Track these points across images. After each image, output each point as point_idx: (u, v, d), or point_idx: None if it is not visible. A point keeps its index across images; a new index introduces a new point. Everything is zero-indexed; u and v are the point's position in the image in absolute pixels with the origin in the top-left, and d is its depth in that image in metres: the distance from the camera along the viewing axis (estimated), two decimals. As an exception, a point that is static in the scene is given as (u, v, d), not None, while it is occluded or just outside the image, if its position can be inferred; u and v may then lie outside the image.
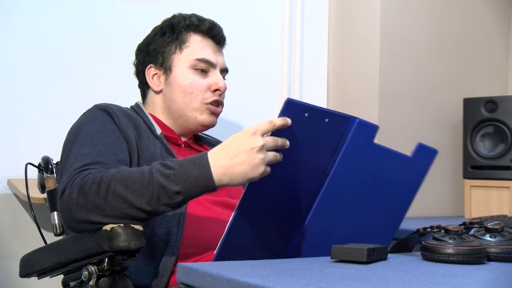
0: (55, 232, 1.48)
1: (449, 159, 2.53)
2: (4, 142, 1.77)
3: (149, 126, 1.49)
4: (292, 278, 0.90)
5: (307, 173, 1.19)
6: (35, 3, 1.84)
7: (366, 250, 1.05)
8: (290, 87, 2.33)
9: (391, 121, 2.34)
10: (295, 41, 2.35)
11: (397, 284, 0.87)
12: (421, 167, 1.29)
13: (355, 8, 2.41)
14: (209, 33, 1.57)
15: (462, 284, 0.89)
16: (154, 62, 1.56)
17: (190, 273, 0.98)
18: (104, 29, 1.94)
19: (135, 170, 1.19)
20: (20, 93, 1.81)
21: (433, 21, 2.51)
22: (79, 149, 1.31)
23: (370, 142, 1.22)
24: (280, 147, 1.13)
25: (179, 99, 1.53)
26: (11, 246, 1.76)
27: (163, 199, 1.15)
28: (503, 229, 1.16)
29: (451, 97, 2.53)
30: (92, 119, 1.41)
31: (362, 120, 1.20)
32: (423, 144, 1.29)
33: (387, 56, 2.35)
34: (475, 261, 1.07)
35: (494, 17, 2.72)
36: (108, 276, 1.21)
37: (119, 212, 1.16)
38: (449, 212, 2.53)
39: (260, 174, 1.12)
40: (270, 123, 1.12)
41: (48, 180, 1.52)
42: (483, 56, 2.68)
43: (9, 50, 1.80)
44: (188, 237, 1.37)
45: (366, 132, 1.21)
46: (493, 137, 2.34)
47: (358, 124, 1.19)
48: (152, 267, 1.34)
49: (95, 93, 1.80)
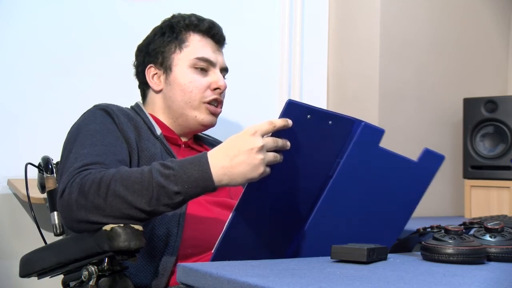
0: (55, 232, 1.48)
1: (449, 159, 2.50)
2: (4, 142, 1.77)
3: (149, 127, 1.49)
4: (292, 278, 0.90)
5: (309, 174, 1.18)
6: (35, 3, 1.84)
7: (366, 250, 1.05)
8: (290, 87, 2.33)
9: (391, 121, 2.34)
10: (295, 41, 2.35)
11: (397, 284, 0.87)
12: (426, 173, 1.27)
13: (355, 8, 2.41)
14: (209, 32, 1.57)
15: (462, 284, 0.89)
16: (154, 62, 1.57)
17: (190, 273, 0.98)
18: (104, 29, 1.94)
19: (135, 170, 1.19)
20: (20, 93, 1.81)
21: (433, 21, 2.51)
22: (79, 149, 1.31)
23: (376, 146, 1.20)
24: (280, 148, 1.13)
25: (179, 98, 1.53)
26: (11, 246, 1.76)
27: (163, 199, 1.15)
28: (503, 229, 1.16)
29: (451, 97, 2.53)
30: (92, 119, 1.41)
31: (367, 123, 1.18)
32: (430, 150, 1.26)
33: (387, 56, 2.35)
34: (475, 261, 1.07)
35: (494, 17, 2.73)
36: (108, 276, 1.21)
37: (119, 212, 1.16)
38: (449, 212, 2.53)
39: (260, 174, 1.12)
40: (270, 123, 1.11)
41: (48, 180, 1.52)
42: (483, 56, 2.68)
43: (9, 50, 1.80)
44: (188, 238, 1.37)
45: (371, 135, 1.19)
46: (493, 137, 2.34)
47: (364, 127, 1.18)
48: (152, 267, 1.34)
49: (95, 93, 1.80)
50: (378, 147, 1.21)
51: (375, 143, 1.20)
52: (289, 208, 1.20)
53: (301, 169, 1.17)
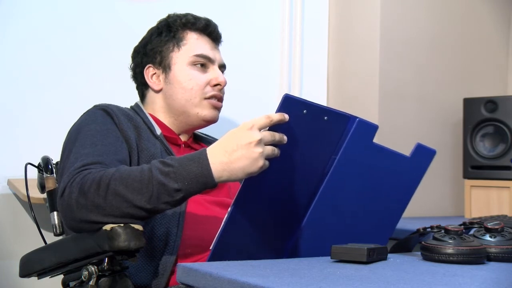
0: (55, 232, 1.48)
1: (449, 159, 2.52)
2: (4, 142, 1.77)
3: (148, 127, 1.49)
4: (292, 278, 0.90)
5: (305, 171, 1.19)
6: (35, 3, 1.84)
7: (366, 250, 1.05)
8: (290, 87, 2.33)
9: (391, 121, 2.34)
10: (295, 41, 2.35)
11: (397, 284, 0.87)
12: (419, 167, 1.29)
13: (355, 8, 2.41)
14: (205, 30, 1.58)
15: (462, 284, 0.89)
16: (153, 62, 1.57)
17: (190, 273, 0.98)
18: (104, 29, 1.94)
19: (134, 169, 1.19)
20: (20, 93, 1.81)
21: (433, 21, 2.50)
22: (79, 149, 1.31)
23: (370, 142, 1.22)
24: (277, 142, 1.13)
25: (179, 96, 1.53)
26: (11, 246, 1.76)
27: (163, 197, 1.15)
28: (503, 229, 1.16)
29: (451, 97, 2.53)
30: (92, 119, 1.41)
31: (361, 119, 1.19)
32: (422, 144, 1.28)
33: (387, 56, 2.35)
34: (475, 261, 1.07)
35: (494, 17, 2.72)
36: (108, 276, 1.21)
37: (119, 211, 1.16)
38: (449, 212, 2.53)
39: (259, 168, 1.12)
40: (267, 118, 1.12)
41: (48, 180, 1.52)
42: (483, 56, 2.68)
43: (9, 50, 1.80)
44: (188, 237, 1.37)
45: (365, 131, 1.20)
46: (493, 137, 2.34)
47: (358, 123, 1.19)
48: (152, 267, 1.34)
49: (95, 93, 1.80)
50: (372, 143, 1.22)
51: (369, 139, 1.21)
52: (286, 205, 1.21)
53: (298, 165, 1.18)
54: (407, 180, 1.29)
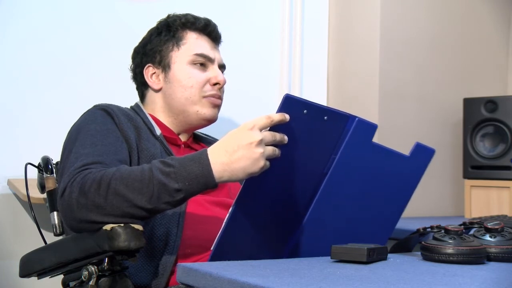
0: (55, 232, 1.48)
1: (449, 159, 2.52)
2: (4, 142, 1.77)
3: (148, 127, 1.49)
4: (292, 278, 0.90)
5: (305, 171, 1.19)
6: (35, 3, 1.84)
7: (366, 250, 1.05)
8: (290, 87, 2.33)
9: (391, 121, 2.34)
10: (295, 41, 2.35)
11: (397, 284, 0.87)
12: (418, 167, 1.29)
13: (355, 8, 2.41)
14: (205, 30, 1.58)
15: (462, 284, 0.89)
16: (152, 61, 1.57)
17: (190, 273, 0.98)
18: (104, 29, 1.94)
19: (135, 168, 1.19)
20: (20, 93, 1.81)
21: (433, 21, 2.50)
22: (79, 149, 1.31)
23: (369, 141, 1.22)
24: (278, 142, 1.13)
25: (179, 95, 1.54)
26: (11, 246, 1.76)
27: (163, 197, 1.15)
28: (503, 229, 1.16)
29: (451, 97, 2.53)
30: (92, 119, 1.41)
31: (361, 118, 1.19)
32: (421, 144, 1.28)
33: (387, 56, 2.35)
34: (475, 261, 1.07)
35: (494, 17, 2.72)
36: (108, 276, 1.21)
37: (119, 211, 1.16)
38: (449, 212, 2.53)
39: (260, 168, 1.12)
40: (268, 118, 1.12)
41: (48, 180, 1.52)
42: (483, 56, 2.68)
43: (9, 50, 1.80)
44: (188, 237, 1.37)
45: (365, 131, 1.21)
46: (493, 137, 2.34)
47: (358, 122, 1.19)
48: (152, 267, 1.34)
49: (95, 93, 1.80)
50: (372, 142, 1.22)
51: (369, 138, 1.21)
52: (287, 205, 1.21)
53: (298, 165, 1.18)
54: (407, 180, 1.29)
